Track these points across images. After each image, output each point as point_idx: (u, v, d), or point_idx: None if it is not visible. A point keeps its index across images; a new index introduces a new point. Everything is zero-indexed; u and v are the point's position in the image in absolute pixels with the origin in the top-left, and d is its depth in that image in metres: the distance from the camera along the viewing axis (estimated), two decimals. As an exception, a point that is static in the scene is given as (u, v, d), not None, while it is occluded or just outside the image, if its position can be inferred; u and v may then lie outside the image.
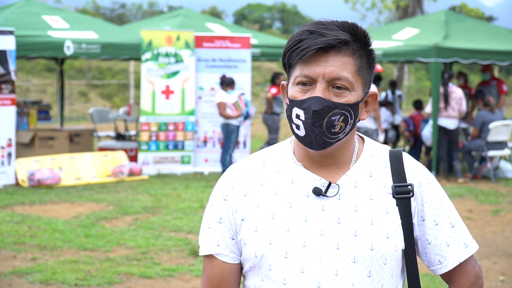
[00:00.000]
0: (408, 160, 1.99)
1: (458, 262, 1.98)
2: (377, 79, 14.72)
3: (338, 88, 1.84)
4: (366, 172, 1.95)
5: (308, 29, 1.85)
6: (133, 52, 12.69)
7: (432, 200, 1.97)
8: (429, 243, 1.97)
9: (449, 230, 1.98)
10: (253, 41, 13.59)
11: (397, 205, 1.93)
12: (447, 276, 2.02)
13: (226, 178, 1.99)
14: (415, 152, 13.32)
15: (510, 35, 13.38)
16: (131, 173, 11.69)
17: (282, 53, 1.91)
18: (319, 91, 1.83)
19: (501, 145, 12.29)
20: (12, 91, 10.90)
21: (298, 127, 1.86)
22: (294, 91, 1.87)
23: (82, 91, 29.58)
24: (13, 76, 10.90)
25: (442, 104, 12.00)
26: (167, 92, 12.30)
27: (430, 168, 12.61)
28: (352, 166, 1.94)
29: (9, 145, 10.82)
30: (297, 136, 1.88)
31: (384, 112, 13.33)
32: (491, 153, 12.16)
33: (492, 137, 12.07)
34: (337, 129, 1.85)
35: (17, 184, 10.92)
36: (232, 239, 1.96)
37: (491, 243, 7.77)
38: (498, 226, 8.60)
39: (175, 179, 11.83)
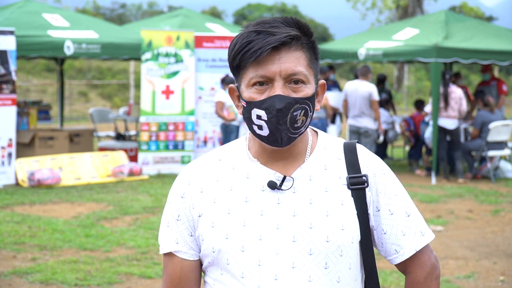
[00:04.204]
0: (362, 152, 2.01)
1: (414, 250, 1.98)
2: (383, 80, 14.69)
3: (295, 82, 1.87)
4: (321, 165, 1.96)
5: (254, 30, 1.87)
6: (133, 52, 12.69)
7: (387, 190, 1.98)
8: (385, 233, 1.98)
9: (404, 219, 1.99)
10: (253, 41, 13.58)
11: (352, 196, 1.94)
12: (403, 266, 2.03)
13: (183, 176, 2.03)
14: (415, 152, 13.31)
15: (510, 35, 13.37)
16: (131, 173, 11.69)
17: (233, 55, 1.89)
18: (278, 89, 1.85)
19: (501, 145, 12.29)
20: (13, 91, 10.91)
21: (260, 127, 1.88)
22: (250, 93, 1.89)
23: (82, 91, 29.58)
24: (13, 76, 10.91)
25: (441, 104, 12.00)
26: (167, 92, 12.30)
27: (430, 169, 12.60)
28: (306, 159, 1.96)
29: (10, 145, 10.82)
30: (259, 136, 1.90)
31: (382, 113, 13.32)
32: (491, 153, 12.16)
33: (492, 137, 12.07)
34: (299, 124, 1.88)
35: (17, 184, 10.92)
36: (191, 235, 1.98)
37: (491, 243, 7.77)
38: (498, 226, 8.60)
39: (175, 179, 11.82)
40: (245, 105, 1.91)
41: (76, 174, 11.44)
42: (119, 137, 14.67)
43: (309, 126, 2.00)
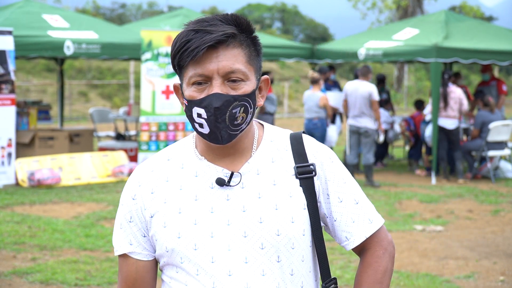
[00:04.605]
0: (309, 142, 2.03)
1: (364, 237, 2.01)
2: (383, 80, 14.71)
3: (234, 81, 1.88)
4: (268, 158, 1.98)
5: (193, 29, 1.88)
6: (133, 52, 12.69)
7: (336, 178, 2.01)
8: (335, 220, 2.01)
9: (353, 207, 2.01)
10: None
11: (300, 185, 1.96)
12: (359, 248, 2.05)
13: (133, 178, 2.04)
14: (415, 152, 13.31)
15: (510, 35, 13.37)
16: (131, 173, 11.68)
17: (173, 54, 1.91)
18: (216, 87, 1.87)
19: (501, 145, 12.29)
20: (12, 91, 10.91)
21: (201, 125, 1.90)
22: (190, 91, 1.91)
23: (82, 91, 29.58)
24: (12, 76, 10.91)
25: (441, 104, 12.00)
26: (167, 92, 12.29)
27: (430, 168, 12.60)
28: (253, 153, 1.98)
29: (9, 145, 10.82)
30: (201, 134, 1.92)
31: (382, 113, 13.31)
32: (491, 153, 12.16)
33: (492, 137, 12.07)
34: (240, 121, 1.89)
35: (17, 184, 10.92)
36: (144, 236, 2.00)
37: (491, 243, 7.77)
38: (498, 226, 8.60)
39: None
40: (186, 104, 1.93)
41: (76, 174, 11.44)
42: (119, 137, 14.66)
43: (257, 120, 2.02)
